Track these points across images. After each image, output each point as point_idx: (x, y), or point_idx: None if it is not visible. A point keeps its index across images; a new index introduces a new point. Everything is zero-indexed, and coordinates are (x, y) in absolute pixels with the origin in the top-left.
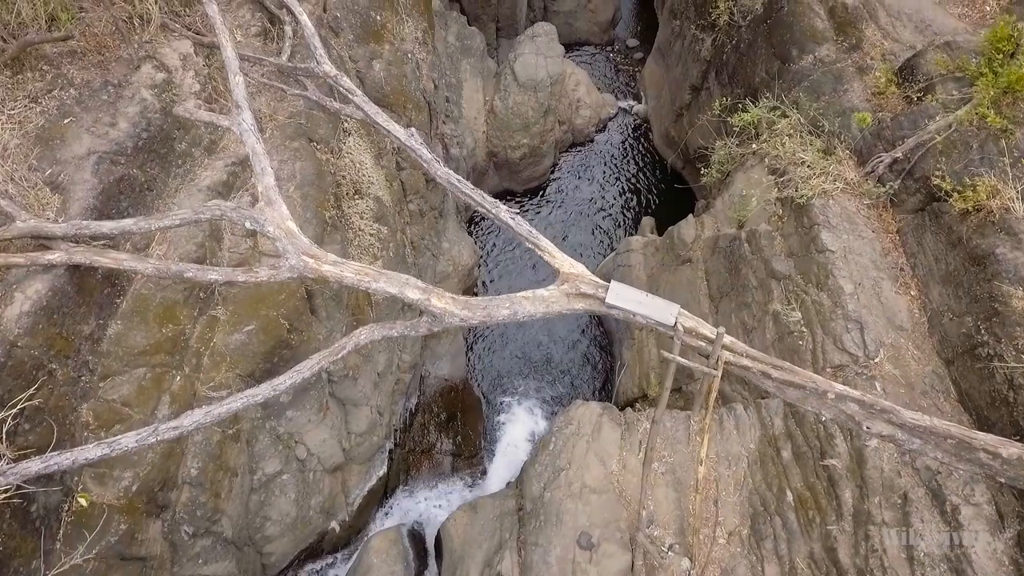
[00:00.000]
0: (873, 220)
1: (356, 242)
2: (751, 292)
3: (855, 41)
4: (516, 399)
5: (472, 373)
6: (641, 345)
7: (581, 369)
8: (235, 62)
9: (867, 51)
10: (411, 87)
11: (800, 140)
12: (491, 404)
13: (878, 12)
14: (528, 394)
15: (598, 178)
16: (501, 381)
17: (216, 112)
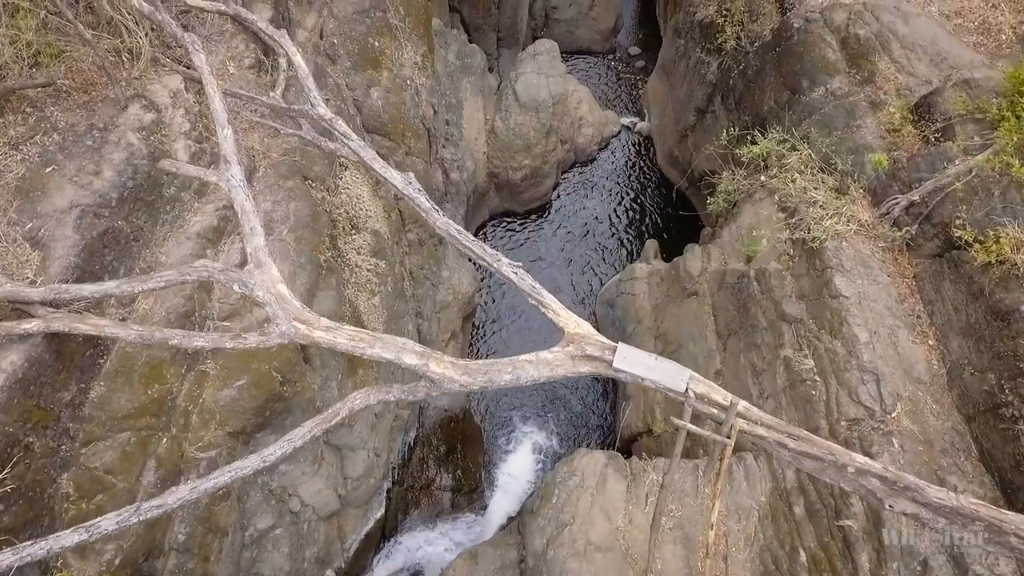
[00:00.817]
0: (888, 264)
1: (353, 280)
2: (761, 333)
3: (868, 74)
4: (517, 426)
5: (472, 401)
6: None
7: (583, 394)
8: (223, 114)
9: (880, 85)
10: (410, 115)
11: (811, 177)
12: (492, 433)
13: (891, 44)
14: (529, 421)
15: (601, 198)
16: (502, 408)
17: (205, 156)
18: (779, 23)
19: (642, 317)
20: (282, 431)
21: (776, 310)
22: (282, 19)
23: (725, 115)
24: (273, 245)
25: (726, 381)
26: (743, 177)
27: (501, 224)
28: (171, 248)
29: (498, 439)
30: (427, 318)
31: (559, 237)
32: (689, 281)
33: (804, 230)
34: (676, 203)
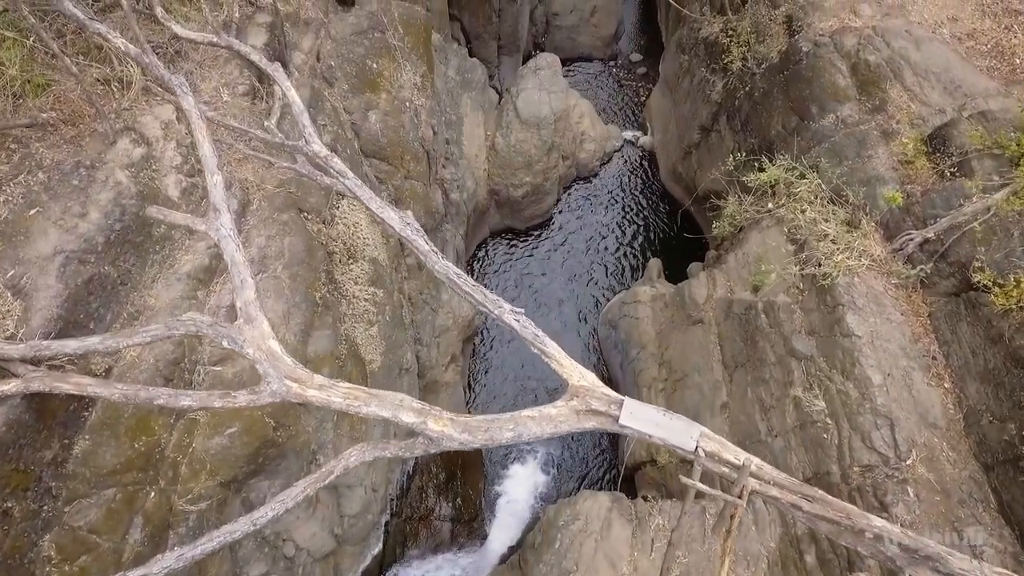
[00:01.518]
0: (902, 301)
1: (350, 312)
2: (769, 368)
3: (879, 102)
4: (517, 450)
5: None
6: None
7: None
8: (213, 160)
9: (892, 114)
10: (409, 137)
11: (821, 208)
12: (492, 454)
13: (904, 71)
14: (530, 445)
15: (603, 215)
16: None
17: (197, 191)
18: (787, 46)
19: (646, 342)
20: (276, 476)
21: (785, 345)
22: (278, 43)
23: (731, 136)
24: (267, 283)
25: (732, 415)
26: (750, 204)
27: (502, 241)
28: (160, 290)
29: (498, 460)
30: (426, 344)
31: (561, 254)
32: (694, 308)
33: (814, 265)
34: (680, 221)
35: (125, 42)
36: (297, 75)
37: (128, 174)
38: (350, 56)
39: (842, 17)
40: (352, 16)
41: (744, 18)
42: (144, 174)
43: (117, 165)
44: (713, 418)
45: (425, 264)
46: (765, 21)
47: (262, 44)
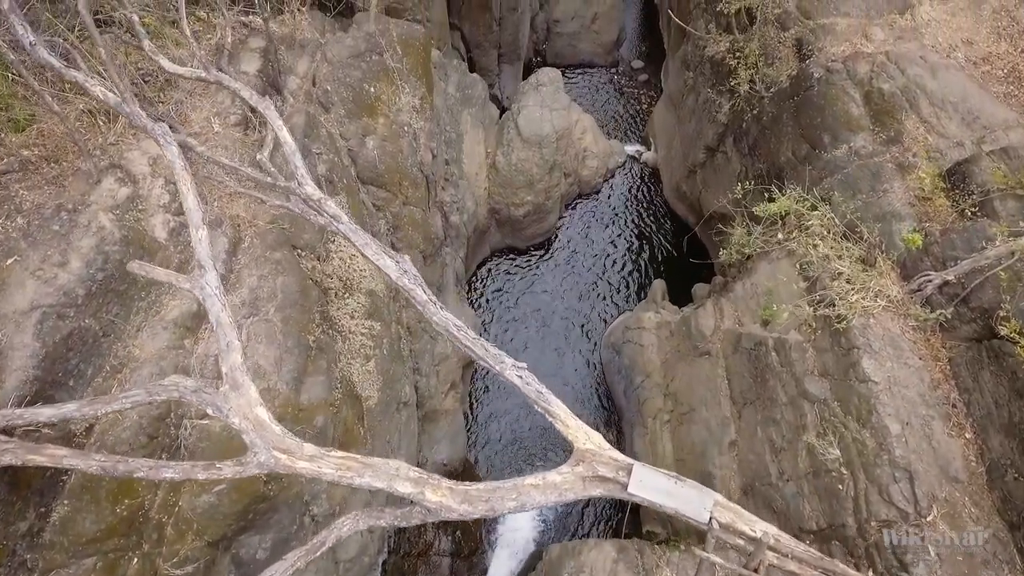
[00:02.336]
0: (920, 345)
1: (346, 348)
2: (780, 408)
3: (894, 133)
4: (519, 470)
5: (473, 450)
6: (655, 437)
7: None
8: (198, 213)
9: (908, 145)
10: (407, 163)
11: (835, 244)
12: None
13: (919, 101)
14: (533, 459)
15: (606, 233)
16: (504, 455)
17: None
18: (797, 70)
19: (650, 371)
20: (267, 531)
21: (797, 387)
22: (271, 69)
23: (738, 158)
24: (259, 327)
25: (741, 454)
26: (759, 234)
27: (503, 260)
28: (146, 339)
29: None
30: (425, 373)
31: (563, 272)
32: (701, 340)
33: (828, 305)
34: (684, 239)
35: (104, 90)
36: (292, 101)
37: (112, 217)
38: (347, 80)
39: (854, 42)
40: (349, 38)
41: (752, 39)
42: (130, 216)
43: (101, 208)
44: (721, 456)
45: (423, 314)
46: (774, 43)
47: (255, 71)
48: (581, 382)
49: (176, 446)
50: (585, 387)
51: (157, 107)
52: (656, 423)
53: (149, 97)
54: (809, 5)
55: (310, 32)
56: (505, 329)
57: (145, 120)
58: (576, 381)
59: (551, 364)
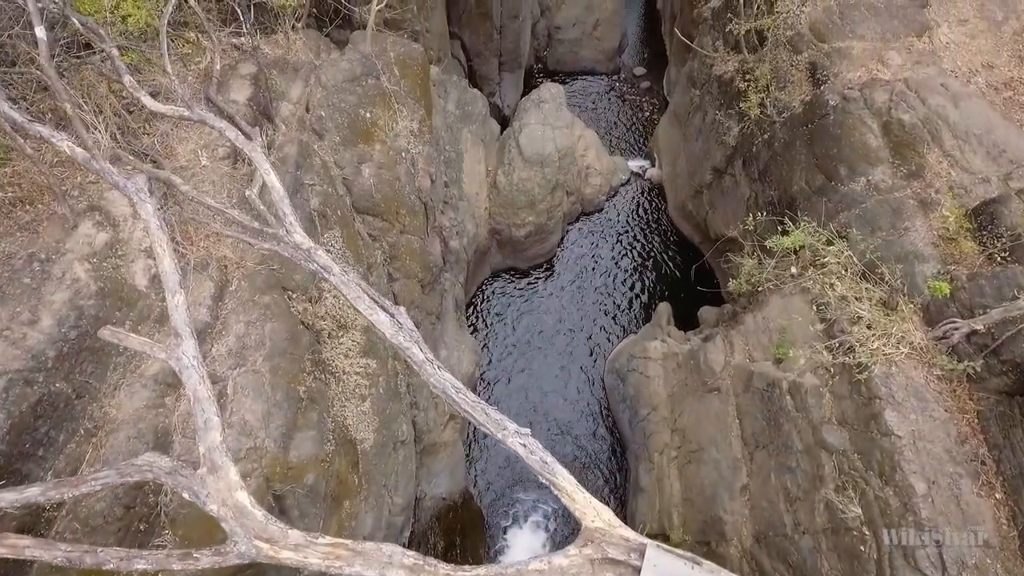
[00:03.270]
0: (945, 396)
1: (340, 390)
2: (796, 456)
3: (916, 167)
4: (519, 499)
5: (473, 482)
6: (662, 474)
7: (591, 472)
8: (175, 276)
9: (931, 181)
10: (405, 190)
11: (853, 285)
12: (493, 512)
13: (942, 133)
14: (531, 490)
15: (609, 253)
16: (504, 488)
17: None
18: (812, 96)
19: (657, 404)
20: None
21: (814, 435)
22: (263, 96)
23: (747, 183)
24: (246, 378)
25: (754, 499)
26: (771, 267)
27: (504, 280)
28: (124, 398)
29: (500, 518)
30: (423, 407)
31: (566, 294)
32: (710, 375)
33: (847, 352)
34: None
35: (71, 145)
36: (284, 129)
37: (88, 267)
38: (342, 105)
39: (871, 67)
40: (345, 60)
41: (763, 61)
42: (108, 263)
43: (77, 256)
44: (732, 500)
45: (420, 375)
46: (786, 67)
47: (245, 99)
48: (584, 402)
49: (155, 514)
50: (589, 408)
51: (142, 139)
52: (663, 459)
53: (133, 128)
54: (823, 27)
55: (304, 53)
56: (507, 350)
57: (116, 177)
58: (579, 400)
59: (554, 383)
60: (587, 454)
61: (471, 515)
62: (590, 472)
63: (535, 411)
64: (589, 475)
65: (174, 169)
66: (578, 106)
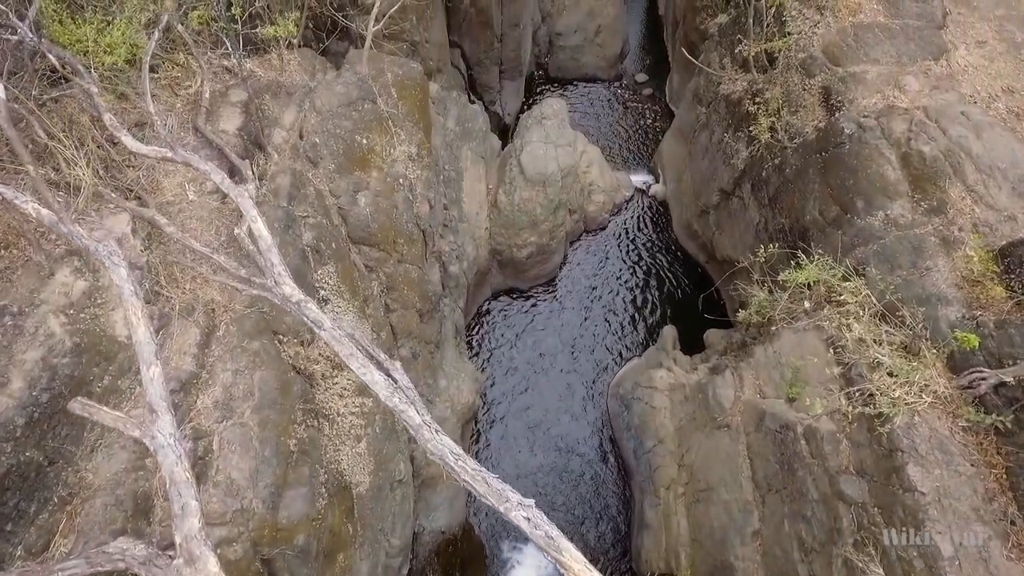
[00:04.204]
0: (972, 449)
1: (334, 433)
2: (811, 505)
3: (937, 202)
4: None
5: (473, 513)
6: (669, 511)
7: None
8: (150, 347)
9: (953, 217)
10: (402, 218)
11: (872, 326)
12: (494, 543)
13: (964, 166)
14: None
15: (613, 272)
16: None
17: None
18: (826, 123)
19: (663, 437)
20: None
21: (831, 485)
22: (254, 125)
23: (756, 207)
24: (232, 432)
25: (766, 546)
26: (783, 300)
27: (505, 302)
28: (101, 461)
29: (502, 549)
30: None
31: (568, 314)
32: (720, 412)
33: (867, 402)
34: (696, 278)
35: (36, 206)
36: (276, 157)
37: (64, 320)
38: (336, 131)
39: (887, 93)
40: (340, 84)
41: (774, 84)
42: (86, 313)
43: (51, 309)
44: (743, 546)
45: (416, 439)
46: (798, 91)
47: (235, 129)
48: (587, 425)
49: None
50: (591, 432)
51: (126, 172)
52: (670, 495)
53: (117, 162)
54: (837, 51)
55: (299, 74)
56: (508, 371)
57: (86, 241)
58: (582, 423)
59: (557, 405)
60: (588, 480)
61: (472, 547)
62: (592, 499)
63: (537, 431)
64: (591, 502)
65: (160, 205)
66: (580, 114)
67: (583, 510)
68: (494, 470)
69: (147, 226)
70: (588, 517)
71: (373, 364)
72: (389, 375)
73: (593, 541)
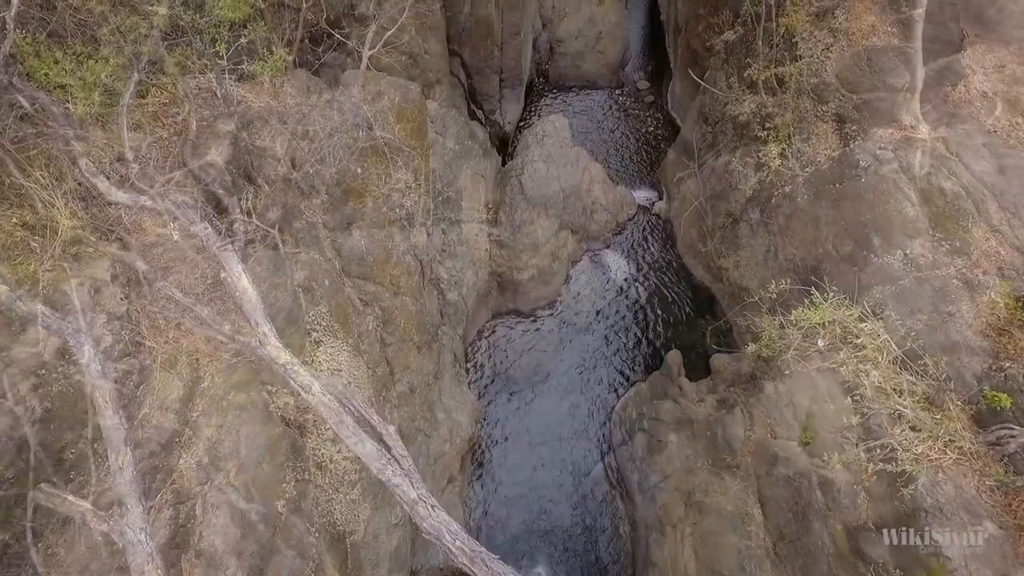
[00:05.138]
0: (1000, 510)
1: (327, 482)
2: (828, 561)
3: (959, 243)
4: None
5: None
6: (676, 551)
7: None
8: (120, 433)
9: (977, 259)
10: (399, 249)
11: (892, 375)
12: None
13: (987, 203)
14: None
15: (616, 293)
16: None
17: (132, 377)
18: (840, 153)
19: (670, 473)
20: None
21: (849, 541)
22: (243, 157)
23: (764, 234)
24: (216, 496)
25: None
26: (797, 340)
27: (505, 325)
28: (74, 535)
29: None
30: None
31: (569, 337)
32: (729, 452)
33: (888, 458)
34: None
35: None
36: (268, 190)
37: (34, 383)
38: (331, 160)
39: (904, 122)
40: (335, 111)
41: (785, 110)
42: (59, 372)
43: (22, 370)
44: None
45: (410, 516)
46: (810, 116)
47: (224, 161)
48: (588, 450)
49: None
50: (595, 452)
51: (107, 210)
52: (676, 533)
53: (97, 199)
54: (852, 76)
55: (293, 97)
56: (511, 393)
57: (50, 320)
58: (586, 440)
59: (558, 427)
60: (590, 505)
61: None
62: (593, 526)
63: (539, 451)
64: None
65: (143, 247)
66: (581, 122)
67: (585, 537)
68: (495, 492)
69: (128, 271)
70: (590, 544)
71: (366, 430)
72: (382, 441)
73: (595, 573)
